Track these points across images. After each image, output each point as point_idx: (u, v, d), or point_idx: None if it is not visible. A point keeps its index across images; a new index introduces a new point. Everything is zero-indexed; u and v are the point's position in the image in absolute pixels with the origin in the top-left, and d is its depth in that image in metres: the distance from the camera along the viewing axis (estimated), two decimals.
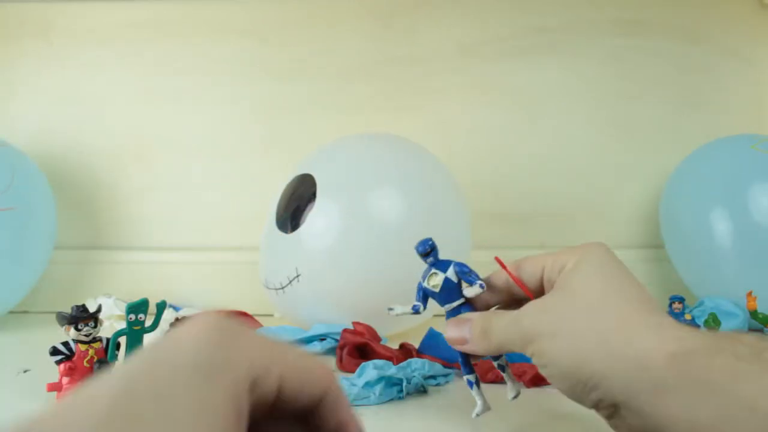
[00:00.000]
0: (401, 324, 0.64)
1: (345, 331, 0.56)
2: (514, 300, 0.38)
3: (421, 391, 0.49)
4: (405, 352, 0.55)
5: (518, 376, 0.48)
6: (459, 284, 0.38)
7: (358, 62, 0.85)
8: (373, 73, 0.85)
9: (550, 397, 0.46)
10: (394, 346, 0.56)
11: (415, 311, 0.40)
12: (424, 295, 0.40)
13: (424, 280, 0.39)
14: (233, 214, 0.86)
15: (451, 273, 0.39)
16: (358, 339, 0.55)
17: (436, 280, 0.39)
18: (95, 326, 0.49)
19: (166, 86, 0.86)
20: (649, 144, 0.85)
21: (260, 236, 0.69)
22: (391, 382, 0.48)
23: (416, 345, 0.56)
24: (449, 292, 0.38)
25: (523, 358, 0.46)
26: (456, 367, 0.51)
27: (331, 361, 0.57)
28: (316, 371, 0.23)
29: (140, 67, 0.86)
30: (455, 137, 0.85)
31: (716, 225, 0.69)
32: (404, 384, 0.48)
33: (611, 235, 0.85)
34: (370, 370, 0.47)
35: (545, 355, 0.31)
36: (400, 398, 0.48)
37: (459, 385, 0.49)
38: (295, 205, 0.66)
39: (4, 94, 0.87)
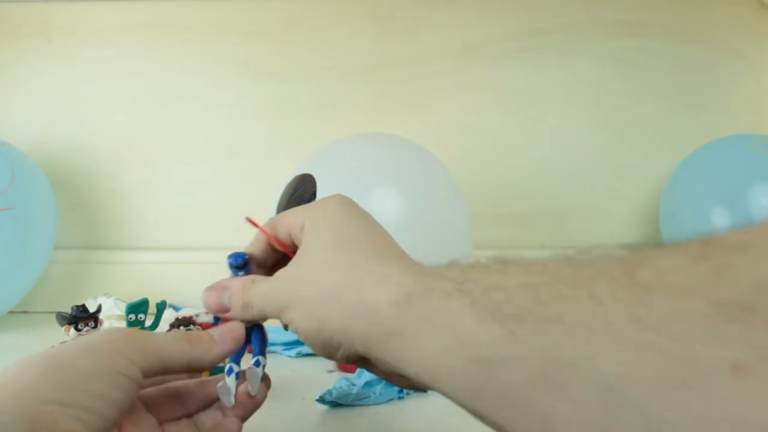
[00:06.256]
0: None
1: None
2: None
3: (421, 391, 0.49)
4: None
5: None
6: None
7: (359, 62, 0.85)
8: (373, 73, 0.85)
9: None
10: None
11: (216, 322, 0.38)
12: None
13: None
14: (233, 214, 0.85)
15: None
16: None
17: None
18: (95, 326, 0.49)
19: (166, 86, 0.86)
20: (649, 144, 0.85)
21: None
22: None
23: None
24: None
25: None
26: None
27: (332, 362, 0.56)
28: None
29: (140, 67, 0.86)
30: (455, 137, 0.85)
31: (716, 225, 0.69)
32: None
33: (611, 235, 0.85)
34: None
35: (294, 324, 0.32)
36: (400, 398, 0.48)
37: None
38: (295, 205, 0.66)
39: (4, 94, 0.87)
